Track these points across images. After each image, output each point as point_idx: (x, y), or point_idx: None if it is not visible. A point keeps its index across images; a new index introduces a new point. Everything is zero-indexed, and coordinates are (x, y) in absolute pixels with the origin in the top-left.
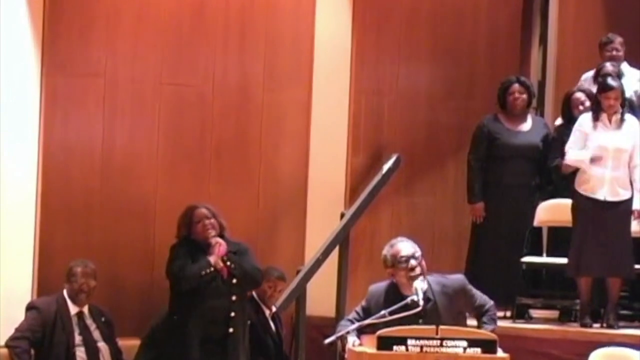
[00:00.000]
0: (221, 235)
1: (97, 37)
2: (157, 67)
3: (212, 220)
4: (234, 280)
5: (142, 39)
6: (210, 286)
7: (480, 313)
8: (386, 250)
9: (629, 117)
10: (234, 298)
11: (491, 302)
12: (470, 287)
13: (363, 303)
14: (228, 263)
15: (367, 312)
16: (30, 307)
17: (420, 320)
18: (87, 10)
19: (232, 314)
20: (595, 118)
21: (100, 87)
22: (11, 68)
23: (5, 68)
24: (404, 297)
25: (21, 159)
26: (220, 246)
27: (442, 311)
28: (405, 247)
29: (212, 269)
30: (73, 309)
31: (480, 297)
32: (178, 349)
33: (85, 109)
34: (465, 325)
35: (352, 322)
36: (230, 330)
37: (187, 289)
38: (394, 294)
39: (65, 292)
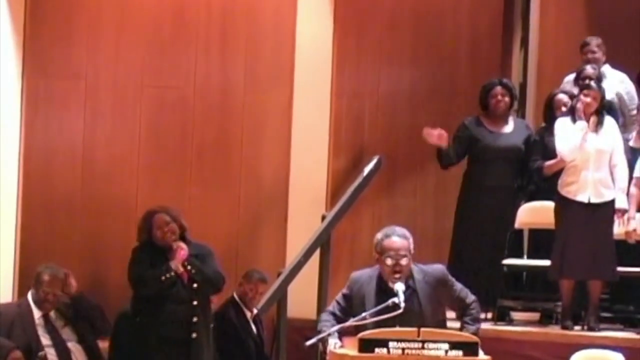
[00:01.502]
0: (182, 237)
1: (79, 40)
2: (138, 69)
3: (172, 225)
4: (195, 285)
5: (123, 42)
6: (171, 291)
7: (462, 309)
8: (380, 237)
9: (607, 119)
10: (195, 303)
11: (473, 297)
12: (450, 278)
13: (344, 290)
14: (189, 267)
15: (348, 300)
16: None
17: (403, 305)
18: (69, 13)
19: (195, 319)
20: (574, 121)
21: (82, 89)
22: None
23: None
24: (387, 285)
25: (2, 160)
26: (181, 250)
27: (422, 299)
28: (397, 245)
29: (172, 273)
30: (38, 312)
31: (462, 290)
32: (139, 352)
33: (67, 111)
34: (443, 316)
35: (333, 314)
36: (194, 335)
37: (148, 294)
38: (379, 280)
39: (30, 296)
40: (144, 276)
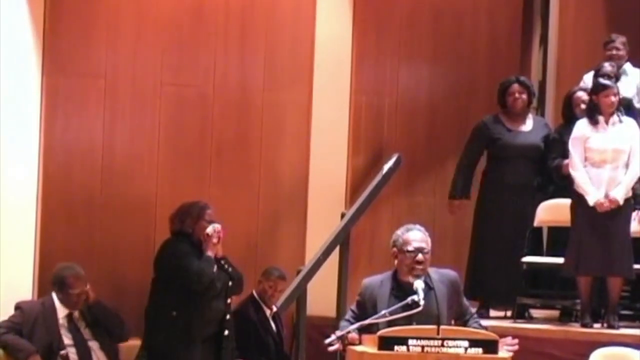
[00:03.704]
0: None
1: (98, 38)
2: (157, 67)
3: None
4: (230, 283)
5: (142, 40)
6: (216, 287)
7: (465, 318)
8: (400, 232)
9: (625, 118)
10: (228, 301)
11: (474, 309)
12: (461, 285)
13: (357, 298)
14: (226, 266)
15: (361, 306)
16: (15, 308)
17: (422, 303)
18: (88, 11)
19: (227, 317)
20: (593, 121)
21: (101, 88)
22: (12, 68)
23: (6, 68)
24: (404, 285)
25: (22, 159)
26: (219, 233)
27: (439, 299)
28: (418, 237)
29: (216, 267)
30: (62, 312)
31: (465, 300)
32: (180, 349)
33: (86, 109)
34: (449, 321)
35: (350, 322)
36: (226, 332)
37: (197, 289)
38: (393, 282)
39: (54, 296)
40: (200, 269)
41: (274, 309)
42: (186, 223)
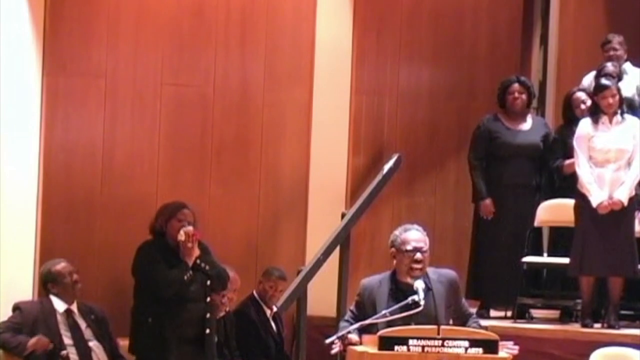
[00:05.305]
0: None
1: (98, 38)
2: (157, 67)
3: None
4: (208, 282)
5: (142, 40)
6: (190, 290)
7: (465, 319)
8: (398, 232)
9: (629, 117)
10: (208, 299)
11: (473, 310)
12: (459, 285)
13: (356, 298)
14: (202, 264)
15: (360, 307)
16: (14, 308)
17: (422, 303)
18: (88, 11)
19: (208, 315)
20: (595, 121)
21: (101, 88)
22: (12, 68)
23: (6, 68)
24: (403, 285)
25: (22, 159)
26: (193, 237)
27: (437, 299)
28: (417, 237)
29: (191, 272)
30: (62, 307)
31: (465, 301)
32: (156, 353)
33: (86, 109)
34: (448, 321)
35: (349, 322)
36: (207, 331)
37: (169, 296)
38: (392, 282)
39: (51, 295)
40: (167, 277)
41: (275, 309)
42: (158, 223)
